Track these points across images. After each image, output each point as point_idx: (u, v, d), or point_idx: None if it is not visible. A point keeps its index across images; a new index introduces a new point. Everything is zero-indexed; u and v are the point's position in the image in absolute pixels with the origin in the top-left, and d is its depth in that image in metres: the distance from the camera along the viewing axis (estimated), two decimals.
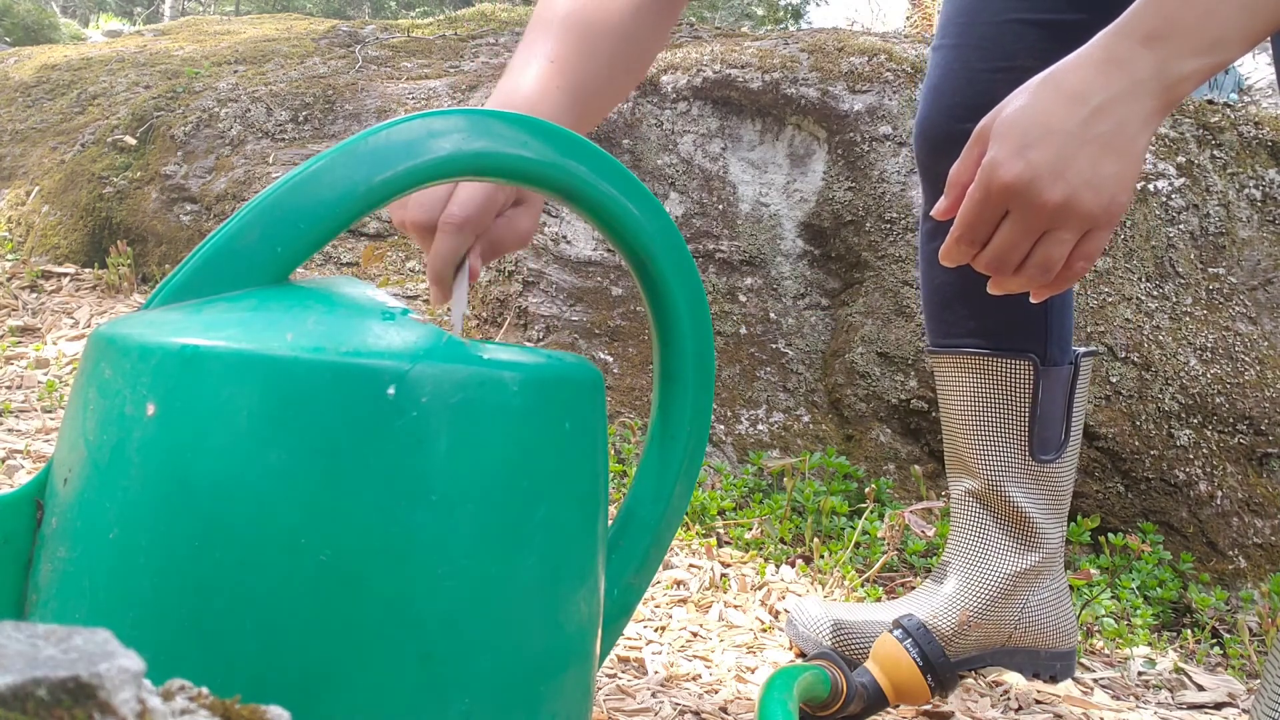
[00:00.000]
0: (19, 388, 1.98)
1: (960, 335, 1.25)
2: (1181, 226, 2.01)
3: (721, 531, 1.69)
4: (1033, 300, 0.81)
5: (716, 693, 1.12)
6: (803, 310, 2.08)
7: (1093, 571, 1.58)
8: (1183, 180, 2.04)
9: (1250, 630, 1.64)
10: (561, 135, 0.67)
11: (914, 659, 0.99)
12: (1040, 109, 0.72)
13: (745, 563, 1.57)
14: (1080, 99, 0.71)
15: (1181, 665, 1.41)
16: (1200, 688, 1.35)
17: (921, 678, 0.99)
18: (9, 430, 1.74)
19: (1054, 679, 1.28)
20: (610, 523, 0.74)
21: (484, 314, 2.13)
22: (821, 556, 1.61)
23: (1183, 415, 1.88)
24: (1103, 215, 0.72)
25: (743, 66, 2.20)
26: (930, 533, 1.46)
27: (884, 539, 1.56)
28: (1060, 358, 1.24)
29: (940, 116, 1.19)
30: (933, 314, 1.28)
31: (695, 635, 1.29)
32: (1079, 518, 1.74)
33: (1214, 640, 1.60)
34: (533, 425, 0.57)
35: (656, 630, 1.29)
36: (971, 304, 1.23)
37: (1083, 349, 1.27)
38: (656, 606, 1.36)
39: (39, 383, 1.99)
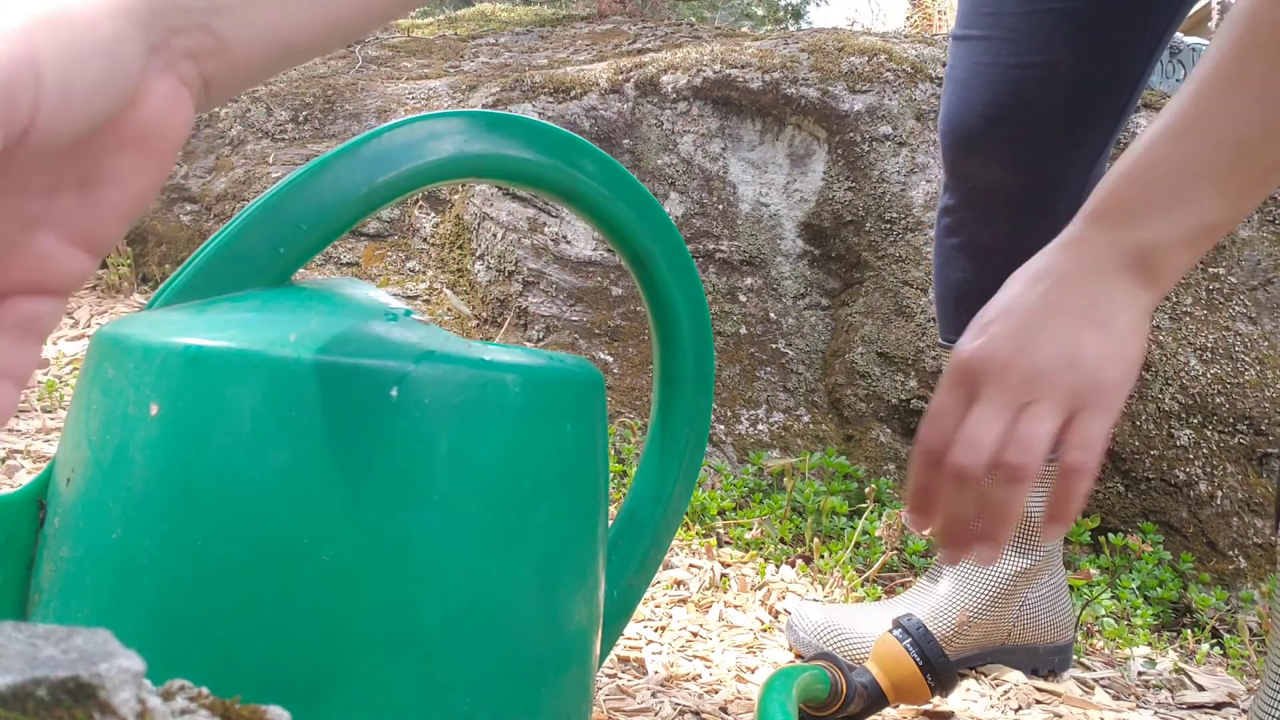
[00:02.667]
0: None
1: None
2: None
3: (721, 531, 1.69)
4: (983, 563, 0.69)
5: (716, 693, 1.12)
6: (803, 310, 2.08)
7: (1093, 572, 1.58)
8: None
9: (1250, 630, 1.64)
10: (561, 136, 0.68)
11: (914, 659, 0.99)
12: (1002, 296, 0.67)
13: (745, 563, 1.58)
14: (1040, 276, 0.66)
15: (1181, 665, 1.41)
16: (1200, 688, 1.36)
17: (921, 677, 0.99)
18: (9, 430, 1.74)
19: (1053, 673, 1.29)
20: (610, 523, 0.74)
21: (484, 314, 2.13)
22: (821, 556, 1.61)
23: (1183, 415, 1.89)
24: (1088, 392, 0.63)
25: (743, 66, 2.20)
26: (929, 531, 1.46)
27: (882, 538, 1.56)
28: None
29: (971, 116, 1.14)
30: (946, 310, 1.24)
31: (695, 635, 1.29)
32: (1079, 517, 1.74)
33: (1214, 640, 1.60)
34: (534, 426, 0.57)
35: (656, 630, 1.29)
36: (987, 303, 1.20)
37: None
38: (656, 606, 1.37)
39: (39, 383, 2.00)
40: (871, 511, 1.70)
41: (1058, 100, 1.10)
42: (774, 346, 2.04)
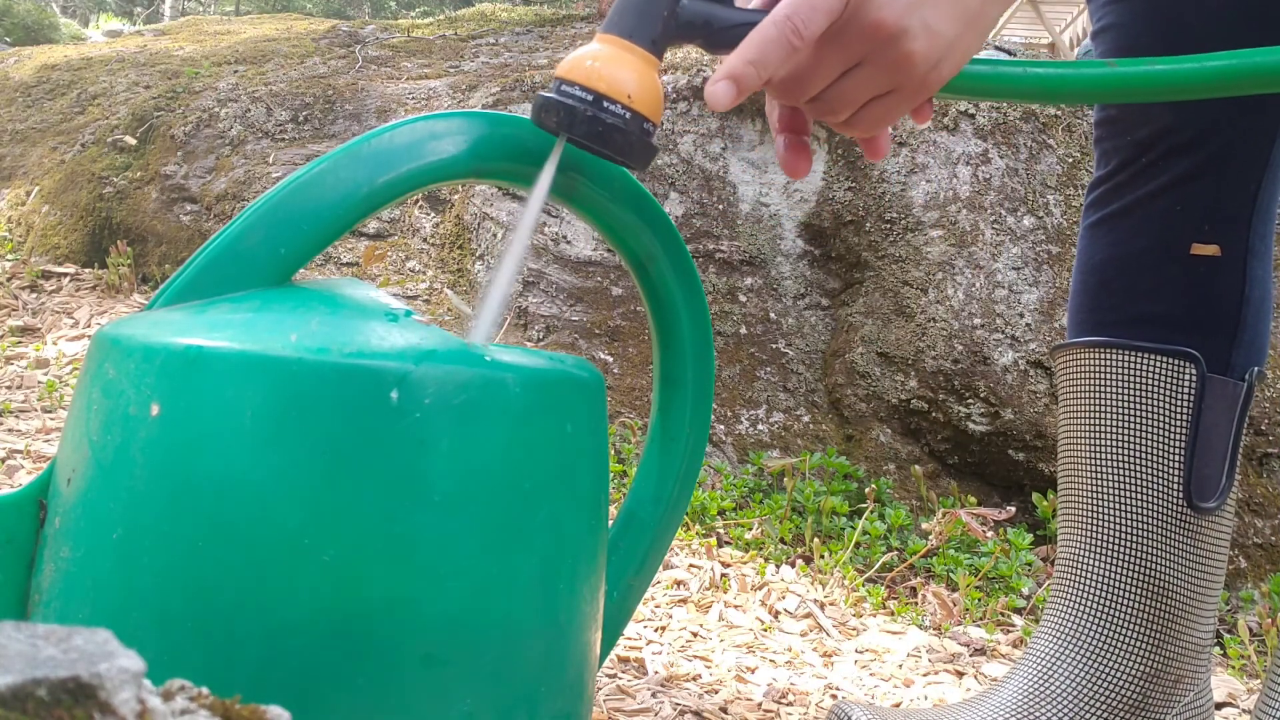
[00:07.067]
0: (19, 388, 1.98)
1: (1111, 324, 0.97)
2: None
3: (721, 531, 1.69)
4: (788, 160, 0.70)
5: (716, 693, 1.12)
6: (803, 310, 2.08)
7: None
8: None
9: (1250, 630, 1.64)
10: None
11: None
12: None
13: (745, 563, 1.58)
14: None
15: None
16: None
17: None
18: (9, 430, 1.74)
19: None
20: (610, 523, 0.74)
21: None
22: (821, 556, 1.61)
23: None
24: (922, 74, 0.63)
25: None
26: (990, 535, 1.41)
27: (931, 532, 1.55)
28: (1240, 368, 0.95)
29: (1128, 54, 0.96)
30: (1082, 302, 1.00)
31: (695, 635, 1.29)
32: None
33: (1214, 640, 1.60)
34: (534, 427, 0.57)
35: (656, 630, 1.29)
36: (1140, 282, 0.96)
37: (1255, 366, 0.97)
38: (656, 606, 1.37)
39: (39, 383, 2.00)
40: (871, 511, 1.70)
41: (1218, 15, 0.93)
42: (774, 346, 2.04)
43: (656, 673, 1.15)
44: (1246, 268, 0.95)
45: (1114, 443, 0.94)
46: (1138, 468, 0.93)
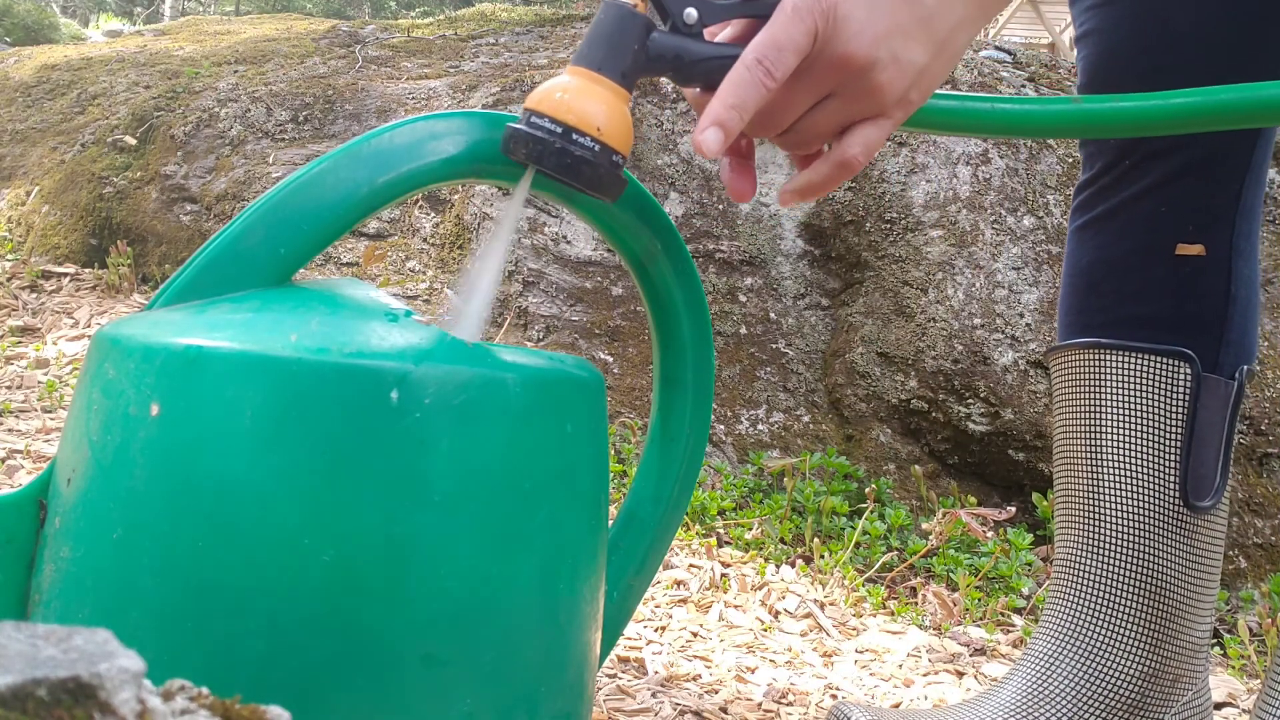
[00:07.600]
0: (19, 388, 1.98)
1: (1100, 325, 0.97)
2: None
3: (721, 531, 1.69)
4: (781, 203, 0.72)
5: (716, 693, 1.12)
6: (803, 310, 2.08)
7: None
8: None
9: (1250, 630, 1.64)
10: None
11: None
12: None
13: (745, 563, 1.58)
14: None
15: None
16: None
17: None
18: (9, 430, 1.74)
19: None
20: (610, 523, 0.74)
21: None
22: (821, 556, 1.61)
23: None
24: (892, 103, 0.64)
25: None
26: (990, 535, 1.41)
27: (931, 532, 1.55)
28: (1229, 366, 0.95)
29: (1115, 60, 0.97)
30: (1072, 304, 1.01)
31: (695, 635, 1.29)
32: None
33: (1214, 640, 1.60)
34: (534, 427, 0.57)
35: (656, 630, 1.29)
36: (1127, 284, 0.96)
37: (1245, 365, 0.97)
38: (656, 606, 1.37)
39: (39, 383, 2.00)
40: (871, 511, 1.70)
41: (1211, 24, 0.92)
42: (774, 346, 2.04)
43: (656, 673, 1.15)
44: (1232, 267, 0.95)
45: (1110, 443, 0.94)
46: (1134, 468, 0.93)
